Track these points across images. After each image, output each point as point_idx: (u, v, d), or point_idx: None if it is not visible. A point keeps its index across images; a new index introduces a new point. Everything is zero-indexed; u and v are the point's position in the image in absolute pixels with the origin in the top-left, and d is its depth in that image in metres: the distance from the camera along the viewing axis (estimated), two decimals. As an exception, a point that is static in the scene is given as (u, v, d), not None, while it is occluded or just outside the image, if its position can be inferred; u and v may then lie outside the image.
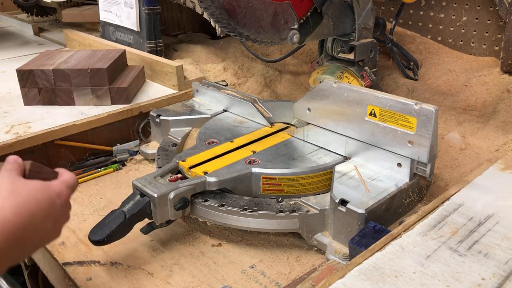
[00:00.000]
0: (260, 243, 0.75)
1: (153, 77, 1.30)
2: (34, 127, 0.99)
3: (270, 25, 0.84)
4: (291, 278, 0.67)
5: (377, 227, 0.62)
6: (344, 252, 0.66)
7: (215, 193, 0.74)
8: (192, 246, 0.75)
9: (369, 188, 0.69)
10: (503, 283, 0.50)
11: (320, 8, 0.92)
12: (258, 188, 0.74)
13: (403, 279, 0.51)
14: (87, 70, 1.08)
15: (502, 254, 0.54)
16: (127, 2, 1.43)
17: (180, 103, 1.09)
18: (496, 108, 1.03)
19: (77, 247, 0.76)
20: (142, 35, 1.41)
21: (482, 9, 1.17)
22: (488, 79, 1.10)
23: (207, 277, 0.68)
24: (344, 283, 0.50)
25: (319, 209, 0.69)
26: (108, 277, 0.69)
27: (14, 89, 1.23)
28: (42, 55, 1.20)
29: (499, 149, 0.91)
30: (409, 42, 1.30)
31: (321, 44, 1.08)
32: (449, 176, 0.85)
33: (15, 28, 2.10)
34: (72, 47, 1.66)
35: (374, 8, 1.03)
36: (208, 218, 0.73)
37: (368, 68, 1.02)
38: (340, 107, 0.77)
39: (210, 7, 0.76)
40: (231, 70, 1.36)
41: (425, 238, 0.57)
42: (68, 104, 1.12)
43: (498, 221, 0.60)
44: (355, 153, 0.78)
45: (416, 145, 0.69)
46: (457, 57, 1.23)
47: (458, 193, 0.67)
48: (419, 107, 0.68)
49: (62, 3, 1.91)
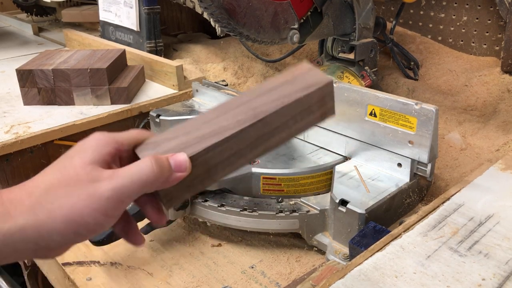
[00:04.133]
0: (260, 243, 0.75)
1: (153, 77, 1.30)
2: (33, 127, 0.99)
3: (270, 25, 0.83)
4: (291, 279, 0.67)
5: (377, 227, 0.62)
6: (344, 252, 0.66)
7: (215, 193, 0.74)
8: (192, 246, 0.75)
9: (369, 188, 0.69)
10: (504, 283, 0.50)
11: (320, 8, 0.92)
12: (258, 188, 0.74)
13: (403, 279, 0.51)
14: (87, 70, 1.08)
15: (503, 254, 0.54)
16: (127, 1, 1.43)
17: (180, 103, 1.08)
18: (497, 108, 1.03)
19: (77, 247, 0.75)
20: (142, 35, 1.41)
21: (483, 9, 1.17)
22: (488, 79, 1.10)
23: (207, 277, 0.68)
24: (344, 283, 0.50)
25: (319, 209, 0.69)
26: (108, 277, 0.69)
27: (14, 89, 1.23)
28: (41, 55, 1.20)
29: (499, 149, 0.91)
30: (409, 42, 1.30)
31: (321, 44, 1.08)
32: (450, 176, 0.85)
33: (15, 27, 2.10)
34: (72, 47, 1.65)
35: (374, 8, 1.03)
36: (208, 218, 0.73)
37: (368, 68, 1.02)
38: (340, 107, 0.77)
39: (210, 7, 0.75)
40: (231, 70, 1.35)
41: (426, 238, 0.57)
42: (68, 104, 1.11)
43: (499, 221, 0.60)
44: (355, 153, 0.78)
45: (417, 145, 0.69)
46: (457, 57, 1.23)
47: (459, 193, 0.67)
48: (419, 107, 0.68)
49: (61, 3, 1.91)
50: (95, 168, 0.39)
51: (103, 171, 0.39)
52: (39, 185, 0.39)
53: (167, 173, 0.41)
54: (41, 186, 0.39)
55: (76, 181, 0.39)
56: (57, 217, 0.38)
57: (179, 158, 0.42)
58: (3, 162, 0.94)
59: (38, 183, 0.39)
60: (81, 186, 0.38)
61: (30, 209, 0.38)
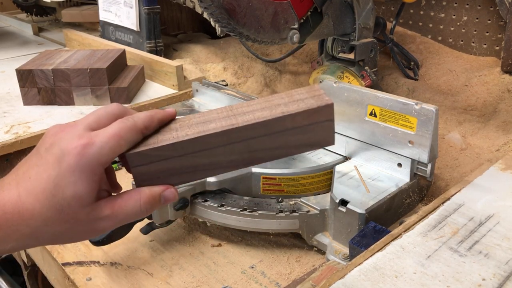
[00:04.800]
0: (260, 244, 0.75)
1: (153, 77, 1.30)
2: (33, 127, 0.99)
3: (270, 25, 0.83)
4: (291, 279, 0.67)
5: (377, 227, 0.62)
6: (344, 252, 0.66)
7: (215, 193, 0.74)
8: (192, 246, 0.75)
9: (369, 188, 0.69)
10: (504, 283, 0.50)
11: (320, 8, 0.92)
12: (258, 188, 0.74)
13: (403, 279, 0.51)
14: (87, 70, 1.08)
15: (503, 254, 0.54)
16: (127, 1, 1.43)
17: (180, 103, 1.09)
18: (497, 108, 1.03)
19: (77, 247, 0.75)
20: (142, 35, 1.41)
21: (483, 9, 1.16)
22: (488, 79, 1.10)
23: (207, 278, 0.68)
24: (345, 284, 0.50)
25: (319, 209, 0.69)
26: (108, 277, 0.69)
27: (14, 89, 1.23)
28: (41, 55, 1.20)
29: (499, 149, 0.91)
30: (409, 42, 1.30)
31: (321, 44, 1.08)
32: (450, 176, 0.85)
33: (15, 27, 2.10)
34: (72, 46, 1.65)
35: (375, 7, 1.03)
36: (208, 218, 0.73)
37: (368, 68, 1.02)
38: (340, 107, 0.77)
39: (210, 7, 0.75)
40: (231, 70, 1.35)
41: (426, 238, 0.57)
42: (68, 104, 1.11)
43: (499, 221, 0.60)
44: (355, 153, 0.78)
45: (417, 145, 0.69)
46: (457, 57, 1.22)
47: (459, 193, 0.67)
48: (419, 107, 0.68)
49: (61, 2, 1.91)
50: (94, 208, 0.41)
51: (101, 210, 0.42)
52: (34, 215, 0.40)
53: (155, 208, 0.45)
54: (37, 218, 0.40)
55: (75, 221, 0.41)
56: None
57: (169, 197, 0.45)
58: (3, 162, 0.94)
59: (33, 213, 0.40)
60: (81, 224, 0.41)
61: (29, 237, 0.41)
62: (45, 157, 0.41)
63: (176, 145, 0.43)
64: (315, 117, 0.44)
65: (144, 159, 0.43)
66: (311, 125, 0.45)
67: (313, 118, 0.44)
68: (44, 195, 0.40)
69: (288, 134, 0.45)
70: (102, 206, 0.41)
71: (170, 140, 0.43)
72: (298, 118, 0.44)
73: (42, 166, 0.40)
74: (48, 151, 0.41)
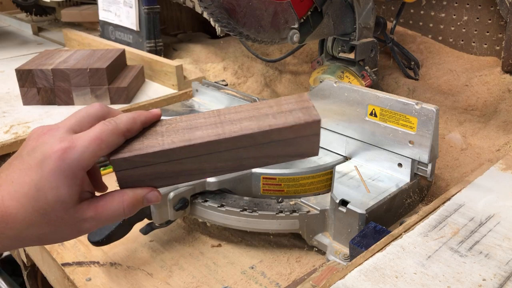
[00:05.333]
0: (260, 244, 0.75)
1: (153, 76, 1.30)
2: (33, 127, 0.99)
3: (270, 25, 0.83)
4: (292, 279, 0.67)
5: (377, 228, 0.62)
6: (344, 252, 0.65)
7: (215, 194, 0.74)
8: (191, 246, 0.75)
9: (369, 188, 0.69)
10: (504, 284, 0.49)
11: (321, 8, 0.91)
12: (258, 188, 0.74)
13: (403, 279, 0.50)
14: (86, 69, 1.08)
15: (503, 255, 0.54)
16: (127, 1, 1.43)
17: (180, 103, 1.08)
18: (497, 108, 1.03)
19: (76, 247, 0.75)
20: (142, 35, 1.41)
21: (483, 9, 1.16)
22: (489, 78, 1.10)
23: (206, 278, 0.68)
24: (345, 284, 0.50)
25: (320, 210, 0.69)
26: (108, 277, 0.69)
27: (13, 89, 1.23)
28: (41, 54, 1.20)
29: (500, 149, 0.91)
30: (410, 42, 1.30)
31: (321, 43, 1.08)
32: (450, 176, 0.85)
33: (14, 27, 2.10)
34: (71, 46, 1.65)
35: (375, 7, 1.03)
36: (208, 219, 0.73)
37: (368, 68, 1.02)
38: (340, 107, 0.77)
39: (209, 7, 0.75)
40: (231, 69, 1.35)
41: (426, 238, 0.57)
42: (67, 104, 1.11)
43: (499, 221, 0.60)
44: (355, 153, 0.78)
45: (417, 145, 0.69)
46: (458, 56, 1.22)
47: (459, 193, 0.67)
48: (420, 107, 0.67)
49: (61, 2, 1.91)
50: (77, 210, 0.42)
51: (84, 212, 0.42)
52: (18, 218, 0.40)
53: (138, 209, 0.46)
54: (21, 222, 0.40)
55: (59, 223, 0.41)
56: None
57: (152, 199, 0.46)
58: (3, 162, 0.94)
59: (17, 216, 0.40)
60: (65, 226, 0.42)
61: (14, 239, 0.41)
62: (27, 161, 0.41)
63: (161, 153, 0.43)
64: (302, 132, 0.45)
65: (128, 164, 0.43)
66: (297, 138, 0.45)
67: (299, 133, 0.45)
68: (26, 199, 0.40)
69: (274, 145, 0.45)
70: (85, 208, 0.42)
71: (155, 147, 0.43)
72: (284, 132, 0.44)
73: (24, 170, 0.40)
74: (30, 155, 0.41)
